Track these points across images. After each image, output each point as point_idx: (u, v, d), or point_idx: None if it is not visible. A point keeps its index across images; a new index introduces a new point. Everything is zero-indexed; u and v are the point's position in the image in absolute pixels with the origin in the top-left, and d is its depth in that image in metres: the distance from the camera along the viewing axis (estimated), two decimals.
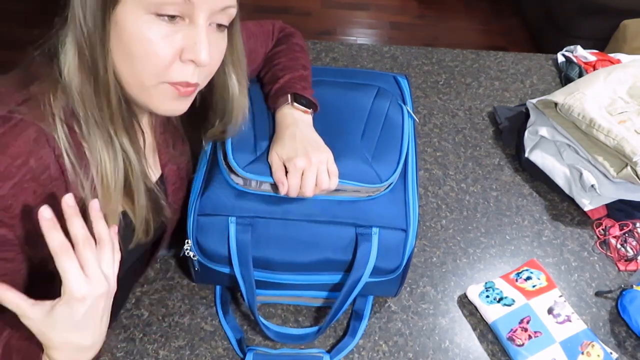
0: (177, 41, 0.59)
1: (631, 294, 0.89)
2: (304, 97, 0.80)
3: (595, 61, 1.31)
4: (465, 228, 1.01)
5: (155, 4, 0.56)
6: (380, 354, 0.83)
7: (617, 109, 1.00)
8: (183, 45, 0.60)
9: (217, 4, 0.60)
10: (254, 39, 0.87)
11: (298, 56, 0.88)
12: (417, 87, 1.28)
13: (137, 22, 0.57)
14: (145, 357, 0.80)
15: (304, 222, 0.75)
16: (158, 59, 0.59)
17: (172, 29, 0.59)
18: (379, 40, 2.94)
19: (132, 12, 0.57)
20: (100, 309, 0.56)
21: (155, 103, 0.63)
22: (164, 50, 0.59)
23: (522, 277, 0.90)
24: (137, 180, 0.66)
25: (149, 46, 0.58)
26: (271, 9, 3.01)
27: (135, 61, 0.59)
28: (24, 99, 0.58)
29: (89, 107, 0.60)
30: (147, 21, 0.57)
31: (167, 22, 0.58)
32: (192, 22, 0.59)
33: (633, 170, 0.92)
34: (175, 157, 0.78)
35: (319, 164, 0.72)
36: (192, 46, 0.60)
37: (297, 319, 0.87)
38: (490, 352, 0.85)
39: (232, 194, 0.76)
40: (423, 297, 0.91)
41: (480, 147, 1.17)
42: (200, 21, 0.59)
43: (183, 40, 0.59)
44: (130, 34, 0.57)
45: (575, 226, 1.03)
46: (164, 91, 0.62)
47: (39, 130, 0.58)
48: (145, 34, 0.58)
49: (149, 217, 0.70)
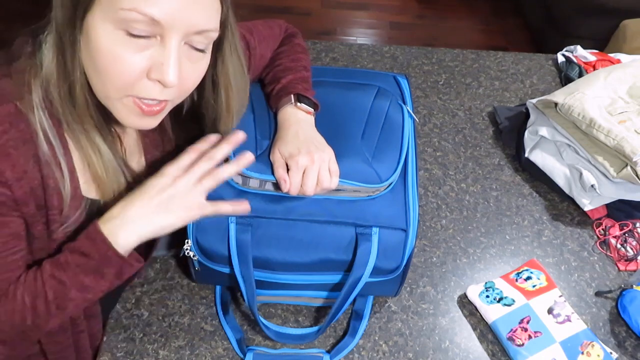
0: (145, 59, 0.58)
1: (631, 294, 0.89)
2: (307, 98, 0.80)
3: (595, 61, 1.31)
4: (465, 228, 1.01)
5: (124, 21, 0.55)
6: (380, 354, 0.83)
7: (617, 109, 1.00)
8: (151, 63, 0.58)
9: (191, 28, 0.58)
10: (264, 43, 0.87)
11: (300, 57, 0.88)
12: (417, 87, 1.28)
13: (105, 35, 0.56)
14: (145, 357, 0.80)
15: (304, 222, 0.75)
16: (122, 75, 0.58)
17: (141, 46, 0.57)
18: (379, 40, 2.94)
19: (100, 25, 0.56)
20: (169, 200, 0.65)
21: (120, 115, 0.63)
22: (129, 67, 0.58)
23: (522, 277, 0.90)
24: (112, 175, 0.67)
25: (114, 61, 0.57)
26: (271, 9, 3.01)
27: (100, 73, 0.59)
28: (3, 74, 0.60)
29: (65, 103, 0.61)
30: (115, 37, 0.56)
31: (137, 39, 0.57)
32: (163, 41, 0.58)
33: (633, 170, 0.92)
34: (165, 158, 0.77)
35: (321, 162, 0.73)
36: (159, 66, 0.58)
37: (297, 319, 0.87)
38: (490, 352, 0.85)
39: (232, 193, 0.76)
40: (423, 297, 0.91)
41: (480, 147, 1.17)
42: (172, 42, 0.58)
43: (151, 59, 0.58)
44: (96, 46, 0.57)
45: (575, 226, 1.03)
46: (128, 105, 0.62)
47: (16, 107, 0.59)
48: (110, 49, 0.57)
49: None
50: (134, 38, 0.57)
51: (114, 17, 0.55)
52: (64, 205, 0.64)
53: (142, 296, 0.86)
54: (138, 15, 0.55)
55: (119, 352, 0.80)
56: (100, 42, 0.57)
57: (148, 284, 0.88)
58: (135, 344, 0.81)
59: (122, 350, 0.81)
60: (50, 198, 0.64)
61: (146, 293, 0.87)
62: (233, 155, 0.75)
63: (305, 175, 0.72)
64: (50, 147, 0.61)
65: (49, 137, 0.61)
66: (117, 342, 0.81)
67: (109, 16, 0.56)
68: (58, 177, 0.63)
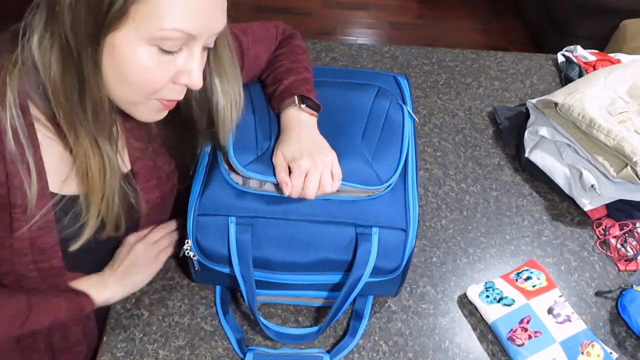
0: (173, 69, 0.61)
1: (631, 294, 0.89)
2: (310, 99, 0.80)
3: (595, 61, 1.31)
4: (465, 228, 1.01)
5: (160, 39, 0.57)
6: (380, 354, 0.83)
7: (617, 109, 1.00)
8: (177, 70, 0.62)
9: (213, 32, 0.62)
10: (259, 44, 0.87)
11: (300, 58, 0.88)
12: (417, 87, 1.28)
13: (136, 50, 0.58)
14: (145, 357, 0.80)
15: (304, 222, 0.75)
16: (153, 85, 0.61)
17: (171, 58, 0.60)
18: (379, 40, 2.94)
19: (132, 42, 0.57)
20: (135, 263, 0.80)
21: (139, 114, 0.66)
22: (159, 78, 0.61)
23: (522, 277, 0.90)
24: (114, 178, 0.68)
25: (145, 74, 0.60)
26: (271, 9, 3.01)
27: (128, 85, 0.61)
28: None
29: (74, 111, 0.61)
30: (148, 52, 0.58)
31: (168, 53, 0.59)
32: (188, 48, 0.61)
33: (633, 170, 0.92)
34: (149, 153, 0.78)
35: (323, 166, 0.73)
36: (188, 73, 0.62)
37: (297, 319, 0.87)
38: (490, 352, 0.85)
39: (232, 193, 0.76)
40: (423, 297, 0.91)
41: (480, 147, 1.17)
42: (197, 50, 0.61)
43: (177, 66, 0.61)
44: (127, 60, 0.58)
45: (575, 226, 1.03)
46: (151, 106, 0.65)
47: None
48: (143, 63, 0.59)
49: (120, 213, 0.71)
50: (166, 53, 0.59)
51: (150, 36, 0.57)
52: (28, 204, 0.64)
53: (142, 296, 0.86)
54: (178, 34, 0.57)
55: (119, 352, 0.80)
56: (131, 58, 0.58)
57: (148, 284, 0.88)
58: (135, 344, 0.81)
59: (122, 350, 0.81)
60: (14, 197, 0.63)
61: (146, 293, 0.87)
62: (234, 155, 0.75)
63: (307, 178, 0.72)
64: (19, 146, 0.61)
65: (18, 136, 0.61)
66: (117, 342, 0.81)
67: (144, 34, 0.57)
68: (24, 176, 0.62)
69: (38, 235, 0.67)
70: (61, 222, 0.69)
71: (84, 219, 0.69)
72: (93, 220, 0.69)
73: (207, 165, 0.80)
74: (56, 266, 0.72)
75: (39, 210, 0.65)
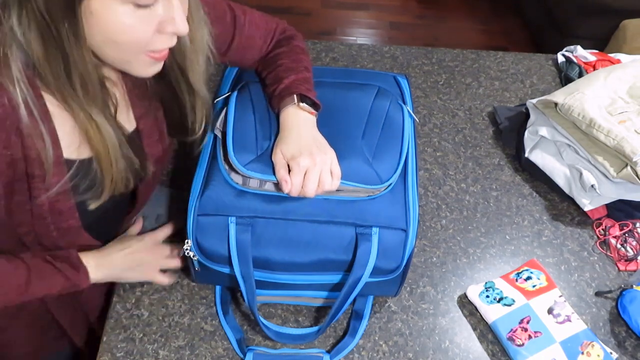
0: (155, 20, 0.62)
1: (631, 294, 0.89)
2: (309, 98, 0.80)
3: (595, 61, 1.31)
4: (465, 228, 1.01)
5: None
6: (380, 354, 0.83)
7: (617, 109, 1.00)
8: (160, 20, 0.62)
9: None
10: (255, 27, 0.88)
11: (301, 58, 0.88)
12: (417, 87, 1.28)
13: (114, 11, 0.58)
14: (145, 357, 0.80)
15: (304, 222, 0.75)
16: (140, 40, 0.62)
17: (149, 11, 0.61)
18: (379, 40, 2.94)
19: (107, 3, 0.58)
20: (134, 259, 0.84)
21: (134, 70, 0.67)
22: (143, 32, 0.62)
23: (522, 277, 0.90)
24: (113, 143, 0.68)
25: (129, 32, 0.61)
26: (271, 9, 3.01)
27: (117, 45, 0.62)
28: None
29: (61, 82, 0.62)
30: (124, 10, 0.59)
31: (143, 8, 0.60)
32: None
33: (633, 170, 0.92)
34: (150, 110, 0.79)
35: (323, 164, 0.73)
36: (171, 21, 0.63)
37: (297, 319, 0.87)
38: (490, 352, 0.85)
39: (232, 193, 0.76)
40: (423, 297, 0.91)
41: (480, 147, 1.17)
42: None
43: (159, 17, 0.62)
44: (109, 23, 0.59)
45: (575, 226, 1.03)
46: (144, 60, 0.66)
47: None
48: (124, 22, 0.60)
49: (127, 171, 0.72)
50: (142, 8, 0.60)
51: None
52: (46, 174, 0.65)
53: (142, 296, 0.87)
54: None
55: (119, 352, 0.80)
56: (112, 20, 0.59)
57: (148, 284, 0.88)
58: (135, 344, 0.81)
59: (122, 350, 0.81)
60: (32, 168, 0.65)
61: (146, 293, 0.87)
62: (234, 155, 0.75)
63: (307, 177, 0.72)
64: (32, 119, 0.62)
65: (30, 109, 0.61)
66: (117, 342, 0.81)
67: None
68: (40, 147, 0.63)
69: (56, 199, 0.69)
70: (78, 185, 0.70)
71: (99, 181, 0.71)
72: (108, 181, 0.70)
73: (207, 165, 0.80)
74: (74, 226, 0.74)
75: (56, 177, 0.67)
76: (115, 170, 0.70)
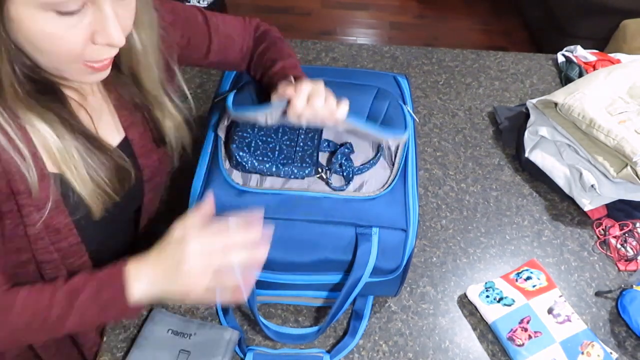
0: (85, 30, 0.57)
1: (631, 294, 0.89)
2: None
3: (595, 61, 1.31)
4: (465, 228, 1.01)
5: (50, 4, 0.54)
6: (380, 354, 0.83)
7: (617, 109, 1.00)
8: (92, 30, 0.58)
9: None
10: (231, 26, 0.88)
11: (283, 47, 0.90)
12: (417, 87, 1.28)
13: (35, 21, 0.55)
14: None
15: (304, 222, 0.75)
16: (68, 50, 0.58)
17: (76, 19, 0.56)
18: (379, 40, 2.94)
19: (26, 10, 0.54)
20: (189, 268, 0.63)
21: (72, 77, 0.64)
22: (72, 44, 0.57)
23: (522, 277, 0.90)
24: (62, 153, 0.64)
25: (55, 41, 0.57)
26: (271, 9, 3.01)
27: (45, 53, 0.58)
28: None
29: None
30: (45, 18, 0.55)
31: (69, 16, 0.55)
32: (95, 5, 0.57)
33: (633, 170, 0.92)
34: (138, 118, 0.76)
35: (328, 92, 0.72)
36: (102, 31, 0.58)
37: (297, 319, 0.87)
38: (490, 352, 0.85)
39: (232, 193, 0.76)
40: (423, 297, 0.91)
41: (480, 147, 1.17)
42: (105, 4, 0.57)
43: (90, 26, 0.58)
44: (30, 31, 0.55)
45: (575, 226, 1.03)
46: (80, 69, 0.62)
47: None
48: (46, 31, 0.55)
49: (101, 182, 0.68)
50: (66, 16, 0.55)
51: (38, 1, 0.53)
52: (31, 188, 0.62)
53: None
54: None
55: (119, 352, 0.80)
56: (33, 28, 0.55)
57: None
58: None
59: (122, 350, 0.81)
60: (15, 184, 0.62)
61: None
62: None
63: (312, 95, 0.71)
64: (4, 134, 0.59)
65: (1, 123, 0.59)
66: (117, 342, 0.81)
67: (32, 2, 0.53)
68: (19, 161, 0.61)
69: (50, 216, 0.65)
70: (68, 199, 0.67)
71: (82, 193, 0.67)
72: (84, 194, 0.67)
73: (207, 165, 0.80)
74: (74, 243, 0.70)
75: (44, 192, 0.64)
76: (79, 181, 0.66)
